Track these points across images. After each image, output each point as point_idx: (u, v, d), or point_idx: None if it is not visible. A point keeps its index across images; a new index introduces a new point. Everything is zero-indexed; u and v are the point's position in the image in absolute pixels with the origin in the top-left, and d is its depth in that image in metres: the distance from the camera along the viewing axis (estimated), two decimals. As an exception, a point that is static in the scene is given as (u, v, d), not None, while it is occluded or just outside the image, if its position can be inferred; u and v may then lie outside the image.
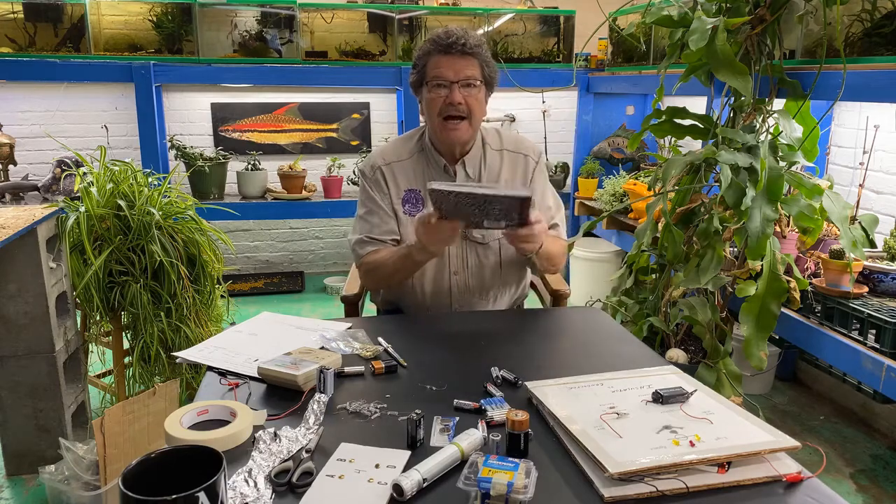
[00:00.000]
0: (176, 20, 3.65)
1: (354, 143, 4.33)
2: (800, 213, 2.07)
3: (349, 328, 1.48)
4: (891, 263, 2.14)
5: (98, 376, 2.69)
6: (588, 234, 3.46)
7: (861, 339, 1.98)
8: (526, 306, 1.90)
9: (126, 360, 2.47)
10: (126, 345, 2.47)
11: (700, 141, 2.49)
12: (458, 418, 1.08)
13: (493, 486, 0.84)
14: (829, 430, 2.60)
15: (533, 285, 2.15)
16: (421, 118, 1.78)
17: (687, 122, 2.40)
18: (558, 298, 1.90)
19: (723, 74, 2.10)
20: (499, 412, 1.08)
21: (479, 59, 1.64)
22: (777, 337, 2.62)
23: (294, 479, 0.91)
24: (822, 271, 2.18)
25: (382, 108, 4.36)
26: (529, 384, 1.15)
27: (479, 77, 1.64)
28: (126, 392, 2.40)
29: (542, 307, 1.97)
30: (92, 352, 2.63)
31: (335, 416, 1.10)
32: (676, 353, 2.33)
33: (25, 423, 2.16)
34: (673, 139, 3.04)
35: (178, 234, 2.42)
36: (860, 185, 2.52)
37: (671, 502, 0.87)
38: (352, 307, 1.87)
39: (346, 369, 1.25)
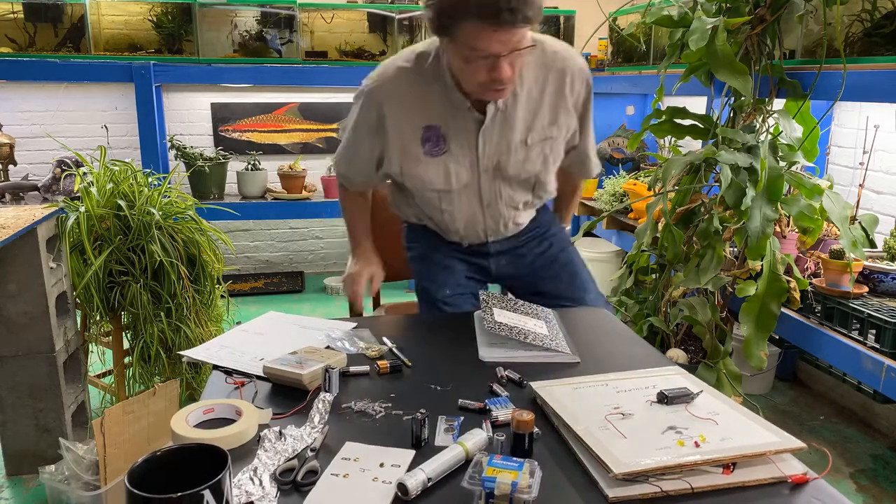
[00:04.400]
0: (176, 20, 3.64)
1: (354, 143, 4.32)
2: (800, 213, 2.08)
3: (354, 328, 1.48)
4: (891, 263, 2.14)
5: (98, 376, 2.69)
6: (588, 234, 3.47)
7: (861, 339, 1.98)
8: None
9: (126, 360, 2.47)
10: (126, 345, 2.47)
11: (700, 141, 2.49)
12: (462, 418, 1.08)
13: (498, 486, 0.84)
14: (830, 430, 2.60)
15: None
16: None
17: (687, 122, 2.40)
18: None
19: (723, 74, 2.11)
20: (503, 412, 1.08)
21: (534, 22, 1.30)
22: (777, 337, 2.63)
23: (299, 478, 0.91)
24: (822, 271, 2.19)
25: (382, 109, 4.36)
26: (534, 384, 1.15)
27: (530, 39, 1.34)
28: (126, 392, 2.40)
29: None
30: (92, 352, 2.62)
31: (340, 416, 1.10)
32: (676, 353, 2.34)
33: (25, 423, 2.16)
34: (673, 139, 3.05)
35: (178, 234, 2.41)
36: (860, 185, 2.52)
37: (676, 503, 0.87)
38: None
39: (352, 369, 1.25)
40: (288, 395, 1.17)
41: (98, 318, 2.42)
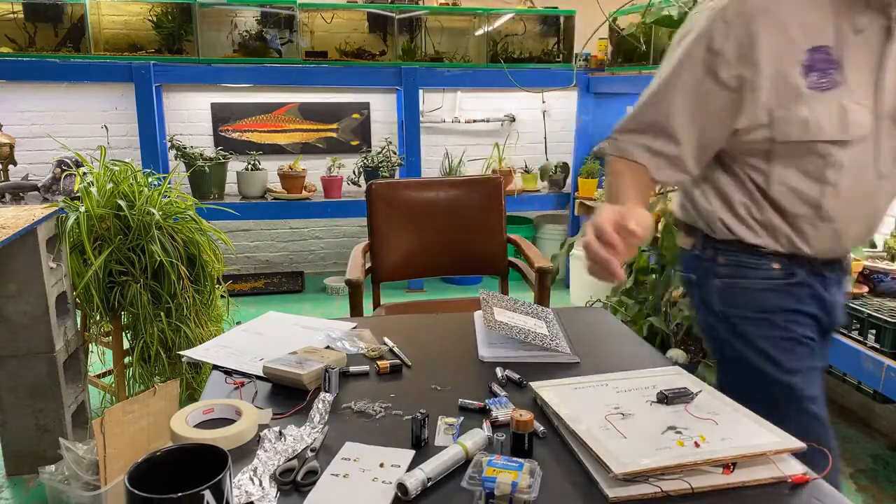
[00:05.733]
0: (176, 20, 3.65)
1: (354, 143, 4.33)
2: (800, 213, 2.07)
3: (354, 328, 1.48)
4: (891, 263, 2.14)
5: (98, 376, 2.69)
6: (588, 234, 3.46)
7: (861, 339, 1.99)
8: (510, 285, 1.83)
9: (126, 360, 2.47)
10: (126, 345, 2.47)
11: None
12: (462, 418, 1.08)
13: (498, 486, 0.84)
14: (829, 431, 2.60)
15: (512, 264, 2.12)
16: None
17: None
18: (543, 275, 1.86)
19: (724, 75, 2.10)
20: (503, 412, 1.08)
21: None
22: (777, 337, 2.62)
23: (299, 478, 0.91)
24: (822, 271, 2.18)
25: (382, 108, 4.37)
26: (534, 384, 1.15)
27: None
28: (126, 392, 2.40)
29: (554, 307, 1.97)
30: (92, 352, 2.62)
31: (340, 416, 1.10)
32: (676, 353, 2.34)
33: (25, 423, 2.16)
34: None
35: (178, 234, 2.41)
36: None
37: (676, 503, 0.87)
38: (356, 289, 1.92)
39: (351, 369, 1.25)
40: (288, 395, 1.17)
41: (98, 318, 2.42)
